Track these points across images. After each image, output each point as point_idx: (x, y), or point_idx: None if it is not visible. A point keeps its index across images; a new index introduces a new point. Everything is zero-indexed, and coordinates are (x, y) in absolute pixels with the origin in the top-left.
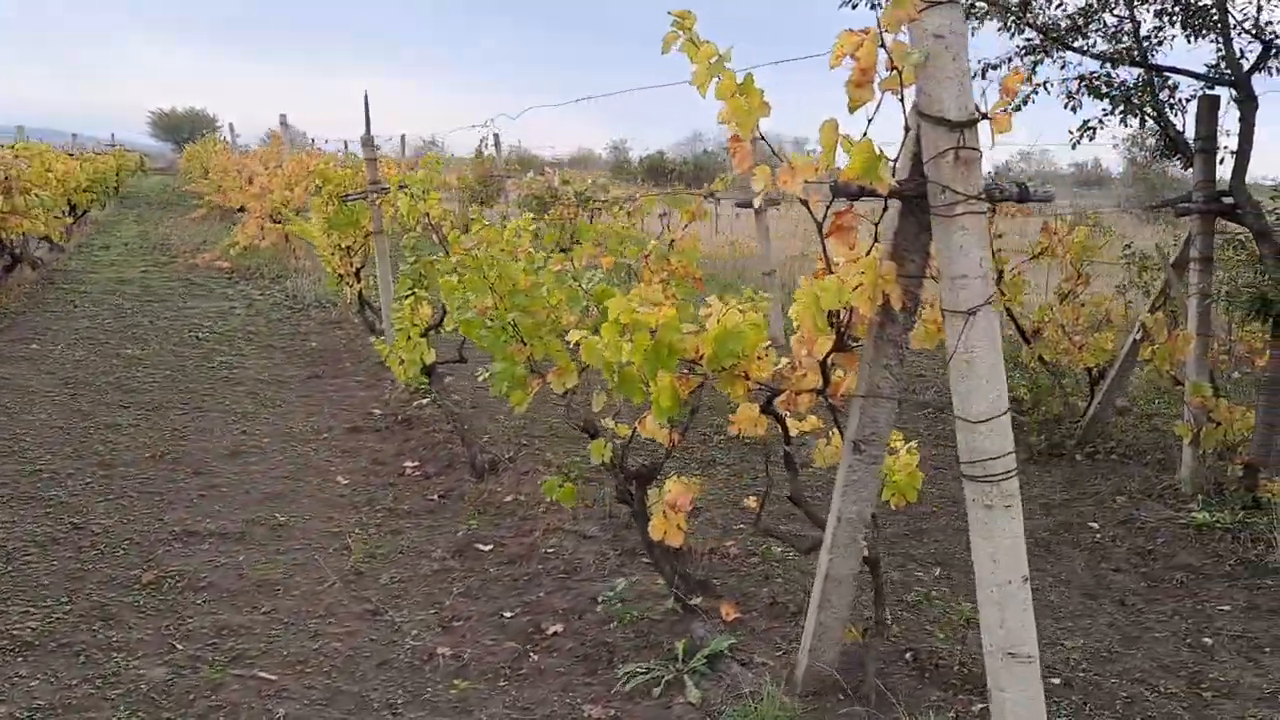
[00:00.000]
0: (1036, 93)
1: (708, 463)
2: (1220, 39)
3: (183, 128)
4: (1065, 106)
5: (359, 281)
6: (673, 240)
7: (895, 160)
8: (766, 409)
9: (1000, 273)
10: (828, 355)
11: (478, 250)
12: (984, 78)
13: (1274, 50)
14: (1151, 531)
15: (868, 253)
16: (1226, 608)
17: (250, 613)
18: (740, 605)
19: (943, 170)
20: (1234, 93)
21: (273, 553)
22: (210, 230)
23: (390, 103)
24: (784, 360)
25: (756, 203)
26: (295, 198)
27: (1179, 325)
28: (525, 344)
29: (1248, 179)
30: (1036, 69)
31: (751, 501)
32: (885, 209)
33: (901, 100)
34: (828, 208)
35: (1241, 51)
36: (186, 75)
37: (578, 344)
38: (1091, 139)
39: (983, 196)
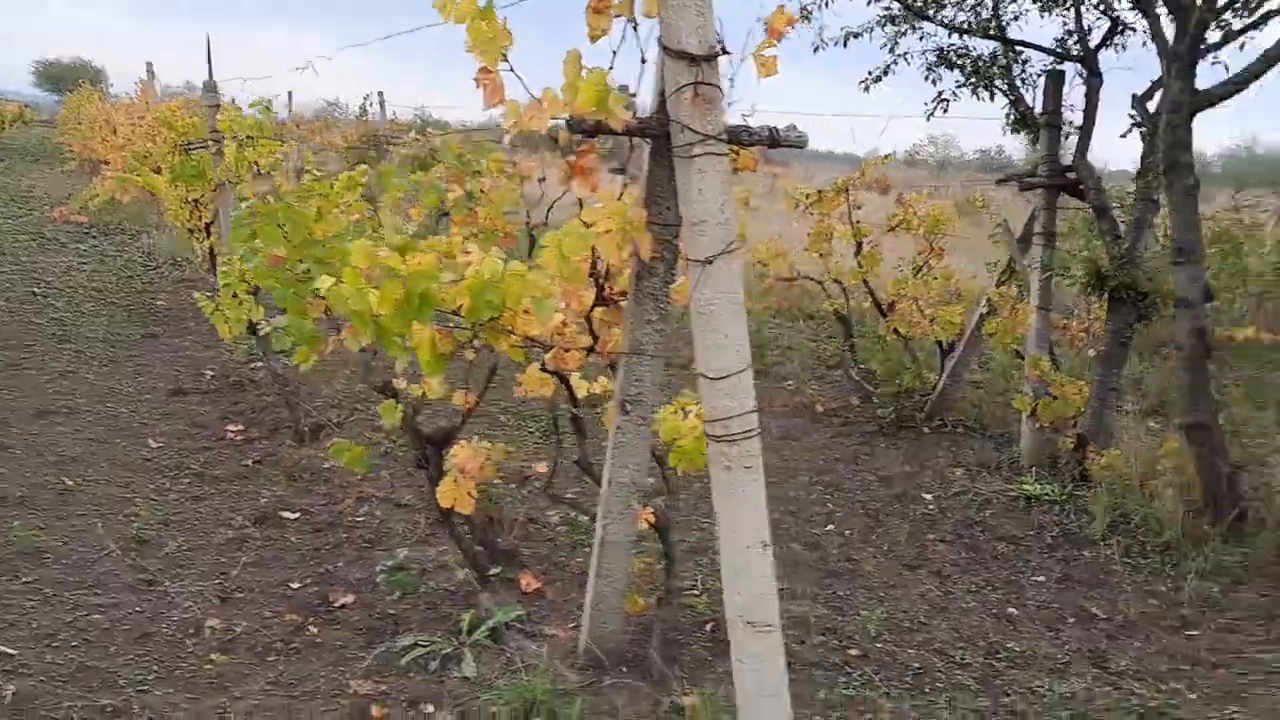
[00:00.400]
0: (896, 64)
1: (550, 430)
2: (1073, 13)
3: (66, 78)
4: (925, 79)
5: (209, 237)
6: (481, 190)
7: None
8: (547, 368)
9: (859, 244)
10: (590, 310)
11: (271, 196)
12: (845, 46)
13: (1121, 27)
14: (983, 503)
15: (619, 197)
16: (1041, 579)
17: (9, 582)
18: (546, 575)
19: (682, 108)
20: (1080, 68)
21: (52, 519)
22: (79, 184)
23: (333, 68)
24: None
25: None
26: (157, 150)
27: (1024, 299)
28: (322, 297)
29: (1112, 167)
30: (899, 40)
31: (542, 467)
32: (631, 148)
33: (635, 28)
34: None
35: (1090, 27)
36: (100, 29)
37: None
38: (945, 111)
39: (723, 137)
